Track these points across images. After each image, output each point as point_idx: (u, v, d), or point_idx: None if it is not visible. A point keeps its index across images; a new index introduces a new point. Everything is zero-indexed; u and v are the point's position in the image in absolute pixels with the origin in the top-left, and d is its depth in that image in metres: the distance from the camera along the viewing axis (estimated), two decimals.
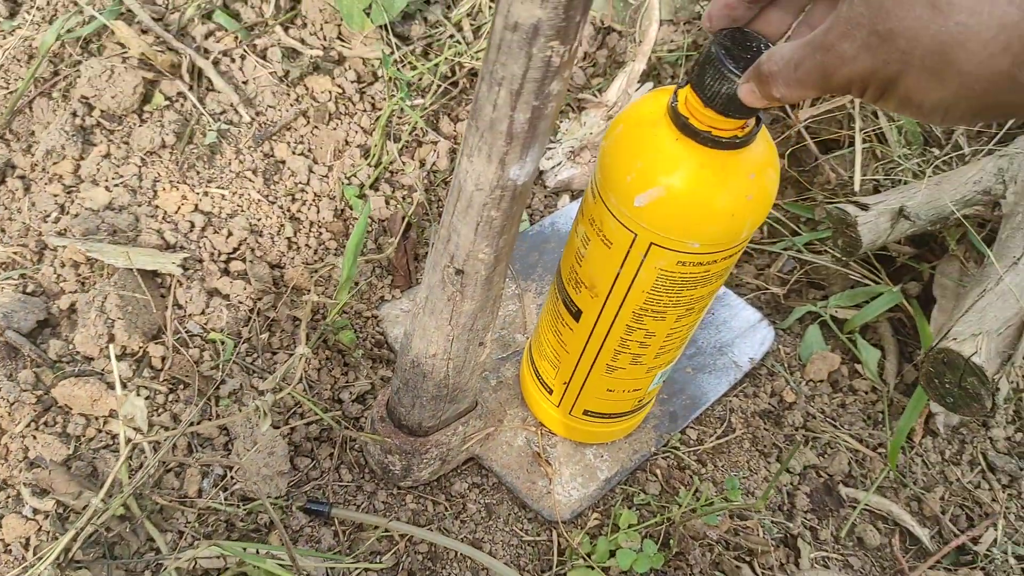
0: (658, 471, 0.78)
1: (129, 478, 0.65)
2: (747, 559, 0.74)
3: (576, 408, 0.72)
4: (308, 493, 0.72)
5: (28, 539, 0.64)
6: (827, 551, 0.77)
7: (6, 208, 0.82)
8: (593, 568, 0.71)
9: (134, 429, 0.66)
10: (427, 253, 0.89)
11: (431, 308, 0.62)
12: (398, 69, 0.92)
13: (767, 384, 0.86)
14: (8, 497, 0.65)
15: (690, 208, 0.54)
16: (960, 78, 0.37)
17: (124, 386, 0.68)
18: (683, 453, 0.80)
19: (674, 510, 0.73)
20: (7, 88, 0.87)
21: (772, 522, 0.77)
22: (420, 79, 0.95)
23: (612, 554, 0.72)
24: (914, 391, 0.81)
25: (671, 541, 0.73)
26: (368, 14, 0.93)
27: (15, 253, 0.77)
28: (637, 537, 0.72)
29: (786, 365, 0.87)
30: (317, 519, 0.71)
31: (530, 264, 0.90)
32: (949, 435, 0.84)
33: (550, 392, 0.74)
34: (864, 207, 0.77)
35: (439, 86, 0.95)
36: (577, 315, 0.66)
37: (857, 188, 0.85)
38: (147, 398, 0.69)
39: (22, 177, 0.84)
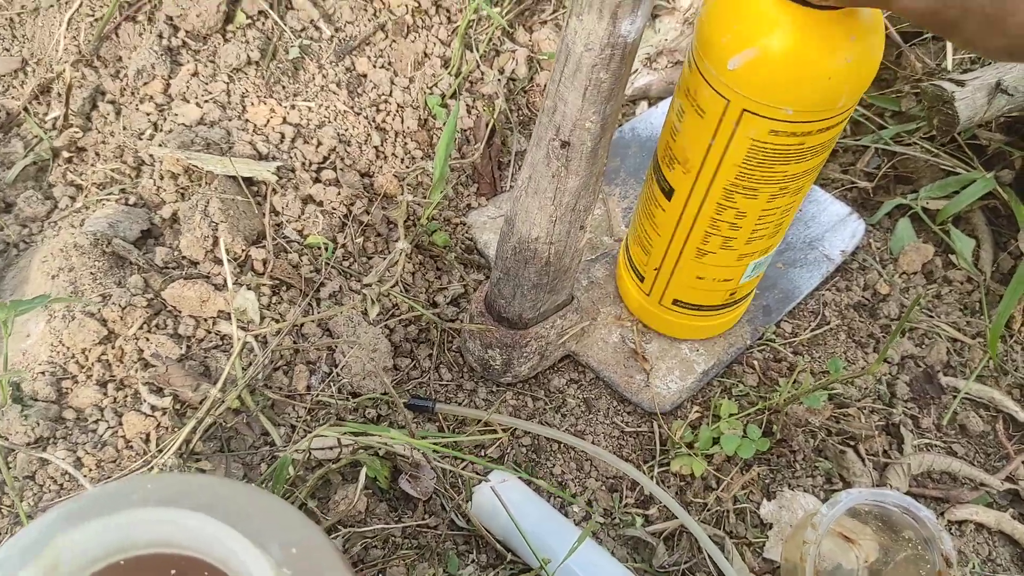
0: (755, 363, 0.78)
1: (243, 372, 0.66)
2: (851, 444, 0.74)
3: (666, 297, 0.72)
4: (411, 391, 0.73)
5: (148, 434, 0.66)
6: (930, 438, 0.76)
7: (99, 132, 0.84)
8: (696, 455, 0.71)
9: (246, 323, 0.68)
10: (510, 161, 0.89)
11: (535, 187, 0.62)
12: None
13: (859, 277, 0.85)
14: (127, 396, 0.67)
15: (784, 69, 0.53)
16: (1019, 28, 0.39)
17: (234, 281, 0.69)
18: (779, 345, 0.79)
19: (775, 397, 0.73)
20: (92, 16, 0.88)
21: (873, 410, 0.76)
22: None
23: (715, 442, 0.72)
24: (1011, 279, 0.80)
25: (774, 428, 0.73)
26: None
27: (113, 170, 0.79)
28: (739, 425, 0.72)
29: (878, 259, 0.86)
30: (421, 415, 0.72)
31: (612, 169, 0.89)
32: None
33: (641, 279, 0.74)
34: (960, 83, 0.75)
35: None
36: (669, 193, 0.65)
37: (950, 67, 0.83)
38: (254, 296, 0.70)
39: (112, 102, 0.86)
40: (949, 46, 0.85)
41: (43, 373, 0.66)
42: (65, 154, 0.83)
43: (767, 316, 0.80)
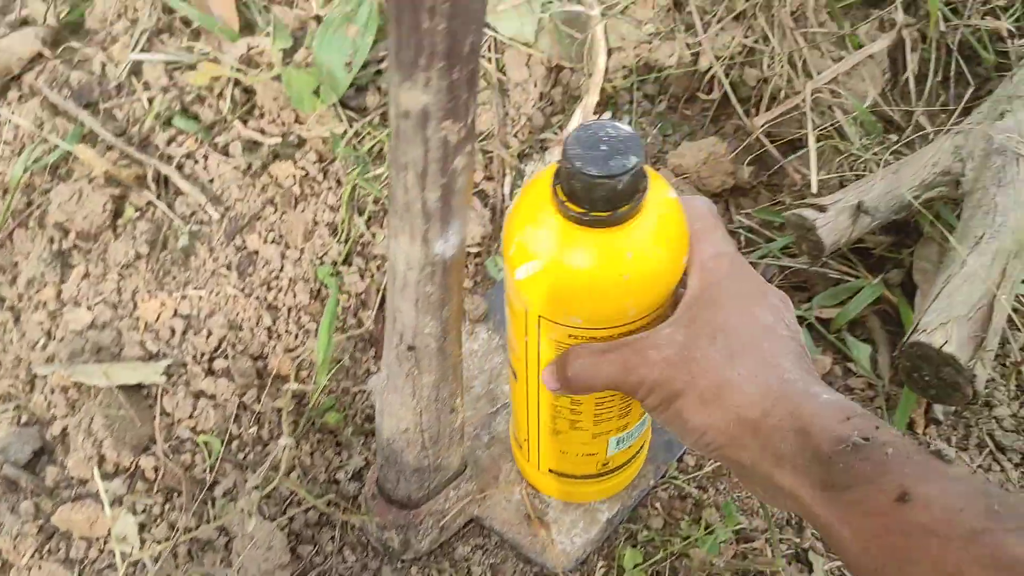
0: (659, 504, 0.78)
1: None
2: None
3: (542, 465, 0.72)
4: None
5: None
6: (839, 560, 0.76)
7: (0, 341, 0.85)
8: None
9: (128, 550, 0.68)
10: None
11: (393, 386, 0.63)
12: (353, 147, 0.94)
13: None
14: None
15: (562, 285, 0.52)
16: (722, 412, 0.47)
17: (118, 503, 0.70)
18: (682, 482, 0.79)
19: (676, 543, 0.73)
20: None
21: (781, 539, 0.76)
22: (383, 147, 0.97)
23: None
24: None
25: (679, 575, 0.73)
26: (317, 95, 0.95)
27: (10, 386, 0.80)
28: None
29: None
30: None
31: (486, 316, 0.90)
32: (953, 421, 0.83)
33: (520, 447, 0.74)
34: (822, 208, 0.77)
35: None
36: (516, 375, 0.65)
37: (815, 189, 0.84)
38: (143, 511, 0.71)
39: (11, 308, 0.87)
40: (813, 162, 0.87)
41: None
42: None
43: (668, 452, 0.81)
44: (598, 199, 0.49)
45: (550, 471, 0.73)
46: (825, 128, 0.92)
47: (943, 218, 0.86)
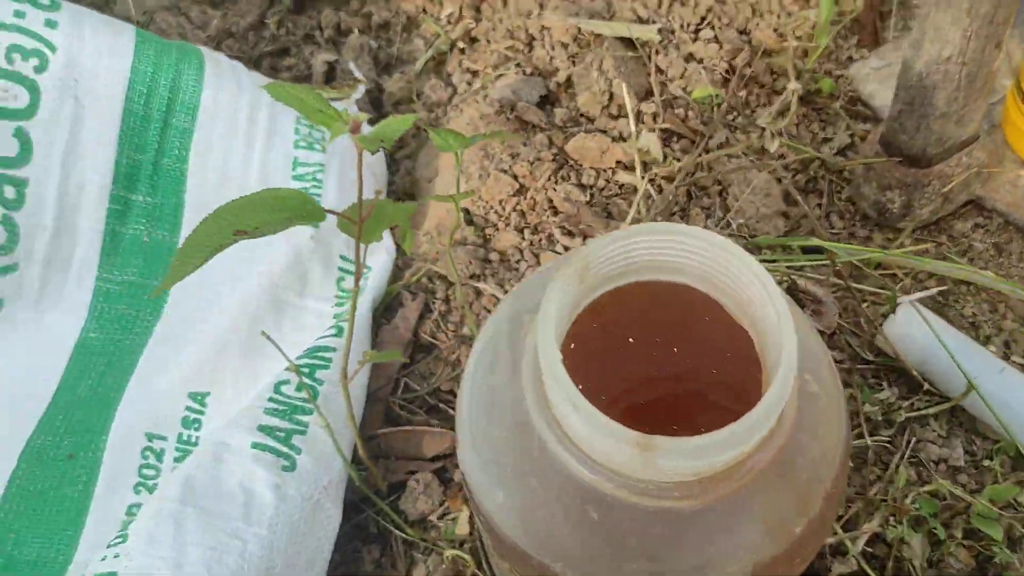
0: None
1: (645, 214, 0.70)
2: None
3: None
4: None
5: None
6: None
7: (488, 20, 0.91)
8: None
9: (650, 162, 0.71)
10: (891, 11, 0.85)
11: (947, 0, 0.59)
12: None
13: None
14: (541, 239, 0.73)
15: None
16: None
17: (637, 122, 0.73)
18: None
19: None
20: None
21: None
22: None
23: None
24: None
25: None
26: None
27: (507, 48, 0.86)
28: None
29: None
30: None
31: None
32: None
33: None
34: None
35: None
36: None
37: None
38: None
39: None
40: None
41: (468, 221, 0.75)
42: (460, 44, 0.92)
43: None
44: None
45: None
46: None
47: None
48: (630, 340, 0.39)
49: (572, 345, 0.37)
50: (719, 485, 0.33)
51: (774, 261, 0.70)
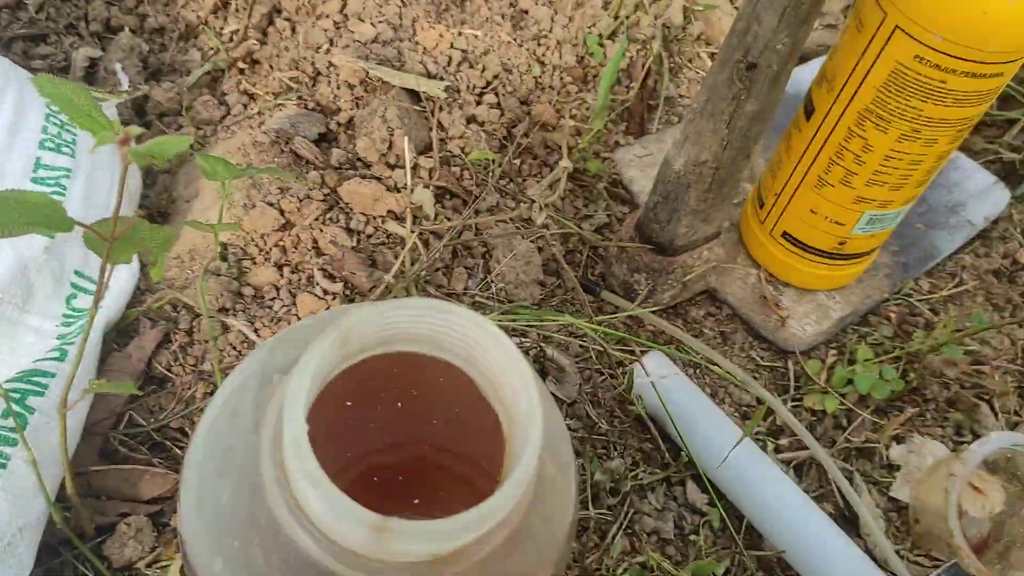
0: (891, 315, 0.79)
1: (411, 266, 0.70)
2: (985, 399, 0.75)
3: (777, 228, 0.75)
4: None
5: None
6: None
7: (275, 46, 0.89)
8: (829, 392, 0.73)
9: (422, 218, 0.72)
10: (658, 105, 0.92)
11: (710, 111, 0.64)
12: None
13: (999, 246, 0.85)
14: (300, 279, 0.71)
15: None
16: None
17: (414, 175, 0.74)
18: (916, 301, 0.80)
19: (914, 345, 0.75)
20: None
21: (1007, 371, 0.77)
22: None
23: (849, 382, 0.74)
24: None
25: (909, 375, 0.74)
26: None
27: (291, 78, 0.84)
28: (875, 368, 0.74)
29: (1020, 229, 0.86)
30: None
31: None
32: None
33: (762, 206, 0.76)
34: None
35: None
36: (810, 113, 0.69)
37: None
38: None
39: (288, 19, 0.91)
40: None
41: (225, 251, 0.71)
42: (241, 64, 0.88)
43: (905, 272, 0.82)
44: None
45: (783, 235, 0.75)
46: None
47: None
48: (379, 409, 0.38)
49: (320, 410, 0.36)
50: (451, 566, 0.33)
51: (529, 326, 0.72)
